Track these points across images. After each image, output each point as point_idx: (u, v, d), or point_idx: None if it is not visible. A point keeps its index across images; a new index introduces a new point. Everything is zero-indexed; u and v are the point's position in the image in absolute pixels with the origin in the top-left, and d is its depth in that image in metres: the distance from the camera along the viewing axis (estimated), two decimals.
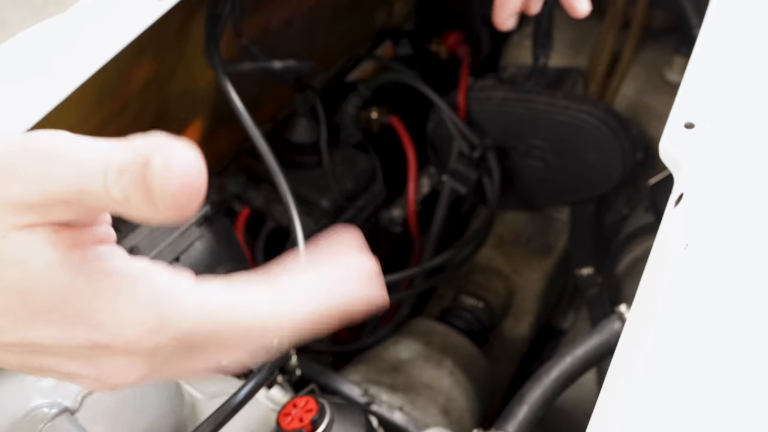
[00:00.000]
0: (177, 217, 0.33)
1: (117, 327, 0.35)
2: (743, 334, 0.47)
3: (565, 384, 0.81)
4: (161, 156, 0.32)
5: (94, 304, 0.35)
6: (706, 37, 0.68)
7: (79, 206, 0.34)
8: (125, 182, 0.33)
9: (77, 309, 0.35)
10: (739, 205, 0.53)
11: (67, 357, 0.37)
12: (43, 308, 0.35)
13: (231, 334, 0.37)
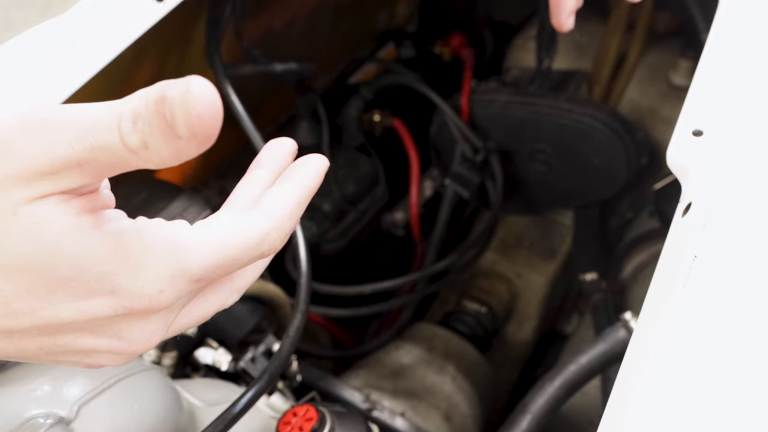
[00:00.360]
0: (201, 146, 0.33)
1: (138, 286, 0.36)
2: (753, 347, 0.46)
3: (569, 392, 0.79)
4: (176, 87, 0.32)
5: (112, 265, 0.35)
6: (714, 42, 0.67)
7: (92, 167, 0.34)
8: (142, 126, 0.33)
9: (96, 273, 0.35)
10: (748, 215, 0.52)
11: (86, 331, 0.37)
12: (62, 280, 0.35)
13: (236, 260, 0.39)
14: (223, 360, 0.87)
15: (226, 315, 0.91)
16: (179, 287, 0.37)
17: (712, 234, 0.51)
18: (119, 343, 0.38)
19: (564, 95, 1.14)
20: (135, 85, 0.90)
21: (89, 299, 0.35)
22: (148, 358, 0.79)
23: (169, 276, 0.36)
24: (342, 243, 1.13)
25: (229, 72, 0.91)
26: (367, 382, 1.03)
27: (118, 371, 0.66)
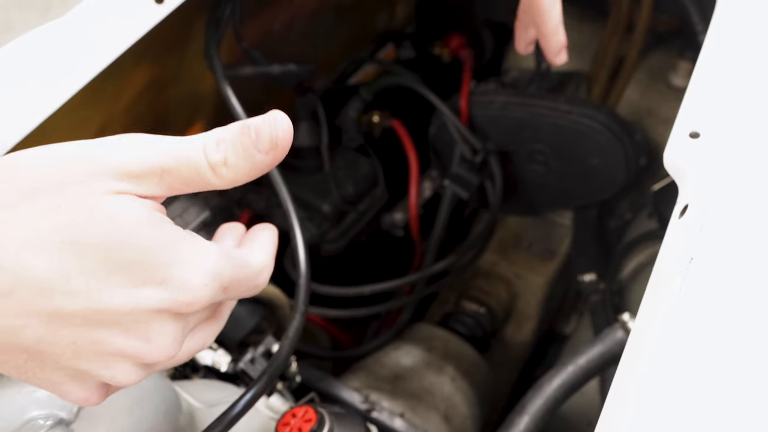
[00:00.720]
0: (277, 159, 0.44)
1: (186, 277, 0.40)
2: (748, 349, 0.46)
3: (567, 393, 0.80)
4: (259, 117, 0.43)
5: (170, 256, 0.40)
6: (711, 44, 0.67)
7: (171, 178, 0.41)
8: (225, 146, 0.42)
9: (155, 262, 0.39)
10: (744, 217, 0.52)
11: (121, 327, 0.40)
12: (126, 263, 0.39)
13: (247, 277, 0.46)
14: (222, 361, 0.87)
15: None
16: (214, 288, 0.42)
17: (709, 236, 0.51)
18: (145, 347, 0.41)
19: (563, 96, 1.14)
20: (135, 87, 0.90)
21: (142, 287, 0.39)
22: None
23: (209, 274, 0.42)
24: (341, 244, 1.13)
25: (228, 73, 0.91)
26: (366, 382, 1.03)
27: None
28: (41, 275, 0.37)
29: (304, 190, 1.11)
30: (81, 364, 0.41)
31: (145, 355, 0.41)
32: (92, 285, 0.38)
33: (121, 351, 0.41)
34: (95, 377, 0.42)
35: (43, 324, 0.38)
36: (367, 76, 1.31)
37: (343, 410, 0.77)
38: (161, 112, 0.98)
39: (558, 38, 0.78)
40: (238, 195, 1.12)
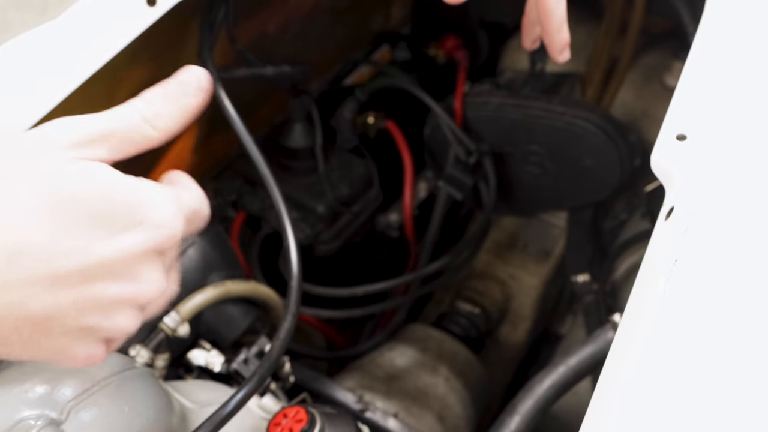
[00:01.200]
0: (203, 102, 0.50)
1: (158, 215, 0.44)
2: (731, 351, 0.47)
3: (558, 394, 0.80)
4: (180, 71, 0.50)
5: (138, 198, 0.44)
6: (699, 47, 0.67)
7: (116, 141, 0.46)
8: (155, 100, 0.48)
9: (129, 207, 0.44)
10: (729, 220, 0.52)
11: (114, 276, 0.43)
12: (105, 215, 0.43)
13: (199, 207, 0.50)
14: (215, 361, 0.88)
15: (219, 316, 0.92)
16: (181, 220, 0.46)
17: (693, 238, 0.51)
18: (138, 287, 0.45)
19: (557, 98, 1.14)
20: (129, 88, 0.90)
21: (125, 233, 0.43)
22: (141, 360, 0.79)
23: (175, 207, 0.46)
24: (336, 244, 1.13)
25: (221, 75, 0.92)
26: (361, 383, 1.04)
27: (108, 373, 0.66)
28: (37, 242, 0.40)
29: (299, 191, 1.12)
30: (85, 321, 0.44)
31: (140, 296, 0.45)
32: (82, 242, 0.42)
33: (119, 298, 0.44)
34: (98, 332, 0.45)
35: (46, 290, 0.41)
36: (363, 78, 1.32)
37: (334, 410, 0.78)
38: None
39: (561, 36, 0.79)
40: (233, 197, 1.12)
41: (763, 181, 0.55)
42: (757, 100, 0.62)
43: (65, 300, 0.42)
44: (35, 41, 0.75)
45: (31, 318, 0.42)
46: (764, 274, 0.49)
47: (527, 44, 0.87)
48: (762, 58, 0.66)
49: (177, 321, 0.83)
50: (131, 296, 0.45)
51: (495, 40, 1.45)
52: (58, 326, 0.43)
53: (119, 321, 0.46)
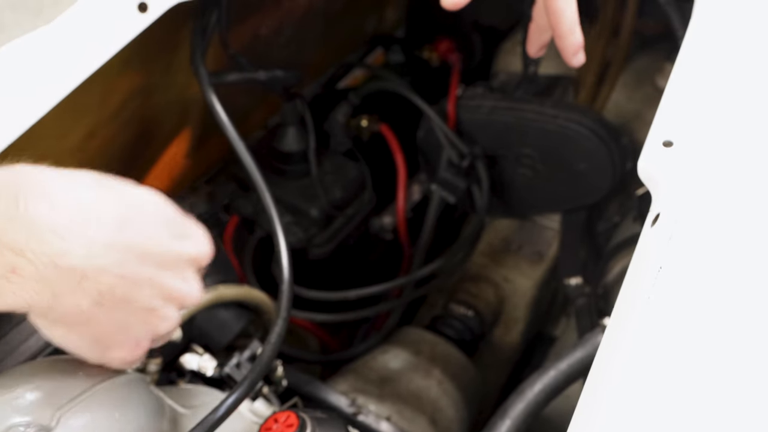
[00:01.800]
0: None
1: (199, 234, 0.59)
2: (714, 358, 0.47)
3: (549, 397, 0.80)
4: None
5: (184, 220, 0.59)
6: (686, 52, 0.68)
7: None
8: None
9: (182, 224, 0.58)
10: (713, 227, 0.53)
11: (175, 272, 0.56)
12: (171, 223, 0.57)
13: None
14: (208, 366, 0.88)
15: (211, 320, 0.92)
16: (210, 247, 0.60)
17: (678, 245, 0.52)
18: (186, 288, 0.57)
19: (550, 100, 1.15)
20: (121, 94, 0.91)
21: (181, 240, 0.56)
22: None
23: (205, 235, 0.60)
24: (329, 248, 1.13)
25: (214, 80, 0.92)
26: (354, 386, 1.04)
27: (98, 378, 0.67)
28: (139, 222, 0.53)
29: (292, 194, 1.12)
30: (154, 301, 0.55)
31: (186, 295, 0.57)
32: (163, 236, 0.55)
33: (174, 291, 0.56)
34: (157, 318, 0.56)
35: (137, 260, 0.53)
36: (356, 81, 1.32)
37: (325, 415, 0.78)
38: (148, 119, 0.98)
39: (574, 38, 0.77)
40: (226, 200, 1.12)
41: (749, 187, 0.56)
42: (744, 106, 0.62)
43: (146, 274, 0.53)
44: (27, 47, 0.75)
45: (124, 279, 0.52)
46: (748, 281, 0.50)
47: (533, 51, 0.85)
48: (749, 64, 0.66)
49: None
50: (180, 293, 0.56)
51: (488, 42, 1.45)
52: (138, 297, 0.53)
53: (169, 313, 0.57)
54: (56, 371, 0.68)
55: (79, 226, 0.50)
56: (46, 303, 0.51)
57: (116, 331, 0.56)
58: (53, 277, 0.50)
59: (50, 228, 0.49)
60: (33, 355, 0.80)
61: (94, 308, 0.53)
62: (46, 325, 0.55)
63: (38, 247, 0.49)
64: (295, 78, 1.00)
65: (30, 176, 0.52)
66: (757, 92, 0.65)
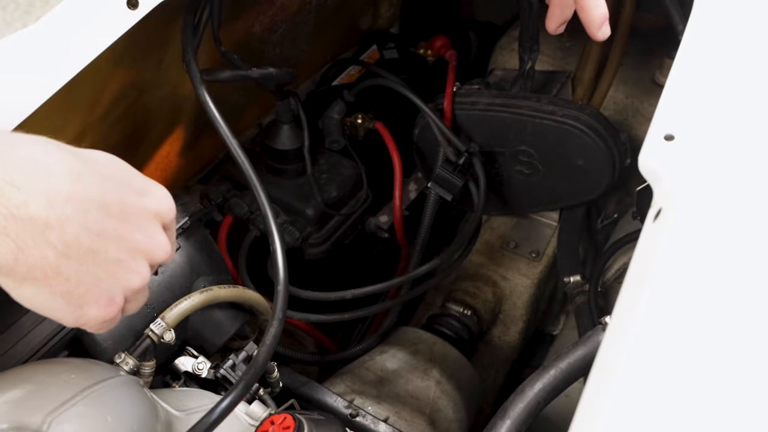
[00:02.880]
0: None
1: (161, 191, 0.58)
2: (717, 353, 0.46)
3: (549, 397, 0.79)
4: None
5: (144, 179, 0.58)
6: (687, 46, 0.66)
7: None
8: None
9: (141, 180, 0.57)
10: (715, 221, 0.51)
11: (139, 226, 0.56)
12: (130, 180, 0.56)
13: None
14: (203, 367, 0.87)
15: (206, 322, 0.91)
16: (173, 205, 0.59)
17: (680, 240, 0.50)
18: (153, 244, 0.56)
19: (547, 97, 1.13)
20: (113, 92, 0.89)
21: (142, 195, 0.56)
22: (126, 367, 0.78)
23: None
24: (325, 247, 1.12)
25: (206, 77, 0.91)
26: (351, 387, 1.03)
27: (91, 381, 0.65)
28: (96, 176, 0.53)
29: (287, 193, 1.11)
30: (120, 254, 0.54)
31: (153, 250, 0.57)
32: (123, 191, 0.55)
33: (140, 244, 0.55)
34: (126, 273, 0.55)
35: (98, 211, 0.52)
36: (351, 78, 1.31)
37: (323, 416, 0.77)
38: (140, 118, 0.97)
39: (600, 10, 0.77)
40: (220, 200, 1.11)
41: (751, 180, 0.54)
42: (745, 100, 0.61)
43: (111, 226, 0.53)
44: (16, 44, 0.74)
45: (89, 230, 0.52)
46: (751, 276, 0.48)
47: (552, 28, 0.84)
48: (750, 58, 0.65)
49: (163, 327, 0.82)
50: (147, 246, 0.56)
51: (485, 39, 1.44)
52: (104, 248, 0.53)
53: (139, 267, 0.56)
54: (47, 374, 0.67)
55: (34, 177, 0.50)
56: (12, 257, 0.50)
57: (86, 285, 0.54)
58: (15, 229, 0.49)
59: (4, 180, 0.48)
60: (23, 359, 0.78)
61: (62, 260, 0.51)
62: (15, 285, 0.52)
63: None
64: (289, 75, 0.99)
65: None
66: (758, 86, 0.64)
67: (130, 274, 0.56)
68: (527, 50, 1.12)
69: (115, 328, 0.84)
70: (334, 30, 1.28)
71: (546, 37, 1.16)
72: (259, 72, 0.96)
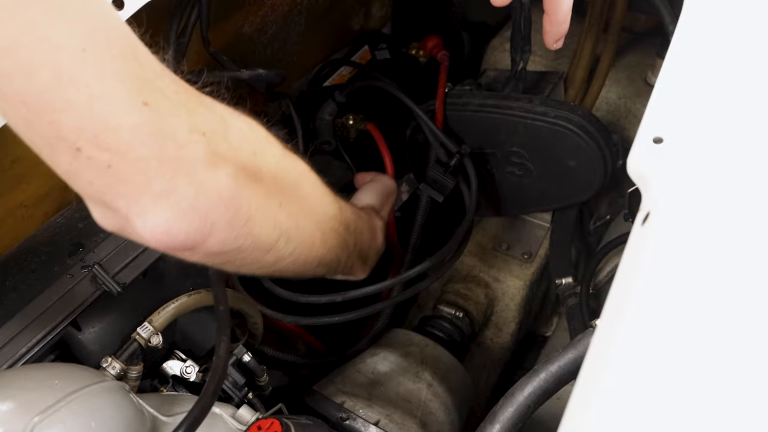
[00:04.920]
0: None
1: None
2: (704, 358, 0.46)
3: (540, 400, 0.78)
4: None
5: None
6: (677, 48, 0.66)
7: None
8: None
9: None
10: (706, 225, 0.51)
11: None
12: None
13: None
14: (191, 371, 0.86)
15: (194, 325, 0.90)
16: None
17: (668, 244, 0.50)
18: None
19: (539, 98, 1.13)
20: None
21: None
22: (113, 372, 0.77)
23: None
24: None
25: (194, 79, 0.90)
26: (342, 390, 1.02)
27: (74, 387, 0.65)
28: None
29: None
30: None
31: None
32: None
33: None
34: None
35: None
36: (343, 79, 1.30)
37: (311, 420, 0.76)
38: None
39: (564, 27, 0.84)
40: None
41: (741, 183, 0.54)
42: (734, 102, 0.61)
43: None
44: None
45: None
46: (739, 280, 0.48)
47: (550, 43, 0.91)
48: (740, 59, 0.65)
49: (150, 331, 0.81)
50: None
51: (477, 39, 1.43)
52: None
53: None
54: (30, 380, 0.67)
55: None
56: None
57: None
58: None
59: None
60: (10, 363, 0.78)
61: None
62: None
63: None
64: (280, 76, 0.98)
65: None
66: (748, 87, 0.63)
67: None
68: (519, 51, 1.11)
69: (102, 331, 0.84)
70: (325, 30, 1.27)
71: (538, 38, 1.15)
72: (248, 73, 0.95)
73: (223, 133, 0.57)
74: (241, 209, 0.58)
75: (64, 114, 0.48)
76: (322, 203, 0.77)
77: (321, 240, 0.74)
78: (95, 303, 0.84)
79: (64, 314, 0.82)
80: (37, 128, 0.49)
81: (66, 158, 0.50)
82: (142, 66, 0.52)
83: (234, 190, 0.56)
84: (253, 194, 0.59)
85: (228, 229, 0.57)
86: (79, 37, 0.48)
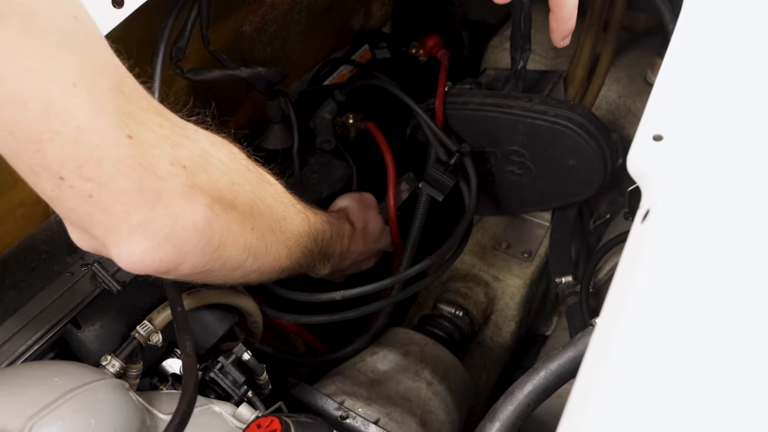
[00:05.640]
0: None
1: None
2: (704, 356, 0.46)
3: (540, 399, 0.78)
4: None
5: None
6: (677, 46, 0.66)
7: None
8: None
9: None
10: (703, 223, 0.51)
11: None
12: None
13: None
14: None
15: (195, 323, 0.90)
16: None
17: (668, 242, 0.50)
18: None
19: (538, 96, 1.13)
20: None
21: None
22: (112, 370, 0.77)
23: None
24: None
25: (195, 77, 0.90)
26: (342, 389, 1.02)
27: (74, 384, 0.65)
28: None
29: None
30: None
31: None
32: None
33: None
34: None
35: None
36: (343, 78, 1.30)
37: (310, 419, 0.76)
38: None
39: (571, 24, 0.85)
40: None
41: (741, 181, 0.54)
42: (734, 99, 0.61)
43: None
44: None
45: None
46: (739, 278, 0.48)
47: (558, 40, 0.90)
48: (739, 57, 0.65)
49: (150, 329, 0.81)
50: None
51: (477, 38, 1.43)
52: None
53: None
54: (30, 377, 0.67)
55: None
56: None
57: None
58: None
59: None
60: (9, 361, 0.78)
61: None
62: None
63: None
64: (279, 75, 0.98)
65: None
66: (748, 85, 0.63)
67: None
68: (519, 50, 1.11)
69: (101, 329, 0.83)
70: (325, 29, 1.27)
71: (538, 37, 1.16)
72: (248, 71, 0.95)
73: (203, 165, 0.59)
74: (214, 237, 0.60)
75: (50, 144, 0.49)
76: (293, 224, 0.79)
77: (287, 255, 0.78)
78: (95, 301, 0.84)
79: (64, 312, 0.82)
80: (22, 156, 0.50)
81: (49, 185, 0.51)
82: (128, 100, 0.53)
83: (209, 219, 0.59)
84: (226, 222, 0.62)
85: (200, 256, 0.60)
86: (72, 71, 0.49)
